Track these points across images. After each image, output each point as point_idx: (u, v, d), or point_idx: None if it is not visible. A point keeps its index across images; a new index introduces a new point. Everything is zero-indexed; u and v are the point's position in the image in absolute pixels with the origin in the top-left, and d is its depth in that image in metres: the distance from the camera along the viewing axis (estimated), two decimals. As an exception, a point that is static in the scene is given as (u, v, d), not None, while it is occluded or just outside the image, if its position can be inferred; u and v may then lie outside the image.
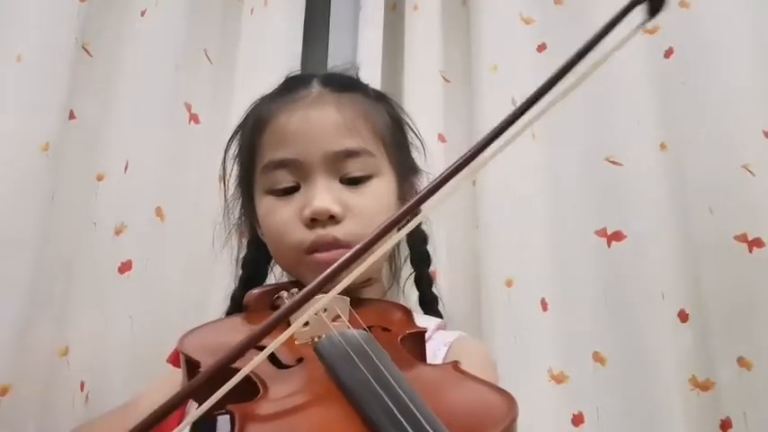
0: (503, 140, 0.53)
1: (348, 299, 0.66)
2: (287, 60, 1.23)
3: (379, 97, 0.89)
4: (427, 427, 0.44)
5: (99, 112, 1.20)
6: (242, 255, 0.94)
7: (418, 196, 0.53)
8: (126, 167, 1.15)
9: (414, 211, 0.53)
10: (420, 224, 0.93)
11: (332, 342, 0.59)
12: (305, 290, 0.50)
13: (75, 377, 1.05)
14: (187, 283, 1.15)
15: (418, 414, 0.46)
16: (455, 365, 0.57)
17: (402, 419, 0.45)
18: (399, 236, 0.59)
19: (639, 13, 0.53)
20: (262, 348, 0.50)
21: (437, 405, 0.47)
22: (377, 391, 0.49)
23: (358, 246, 0.51)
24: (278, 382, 0.55)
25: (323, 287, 0.50)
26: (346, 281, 0.50)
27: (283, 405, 0.52)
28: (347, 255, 0.50)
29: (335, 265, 0.50)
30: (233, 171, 0.91)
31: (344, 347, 0.57)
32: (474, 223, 1.20)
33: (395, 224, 0.52)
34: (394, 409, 0.46)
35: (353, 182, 0.79)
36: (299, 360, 0.59)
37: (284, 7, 1.29)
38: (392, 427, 0.45)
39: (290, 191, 0.79)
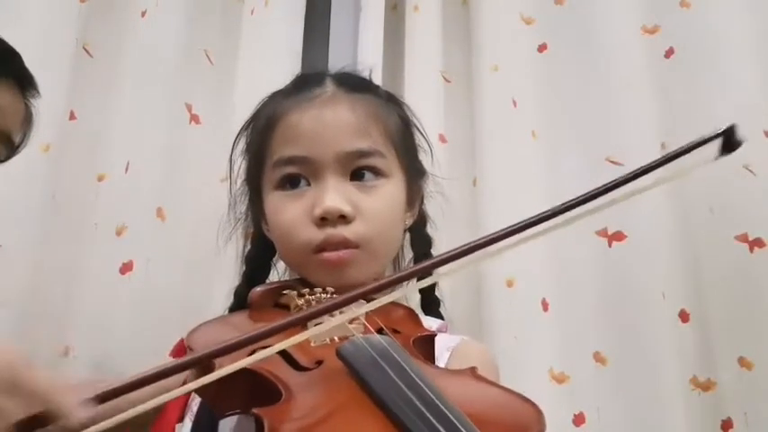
0: (541, 229, 0.56)
1: (364, 301, 0.65)
2: (287, 60, 1.23)
3: (390, 99, 0.89)
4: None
5: (99, 112, 1.20)
6: (246, 251, 0.93)
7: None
8: (126, 168, 1.15)
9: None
10: (424, 227, 0.93)
11: (356, 346, 0.58)
12: (327, 304, 0.51)
13: (76, 378, 1.05)
14: (188, 284, 1.14)
15: (455, 421, 0.45)
16: (473, 372, 0.57)
17: (438, 426, 0.45)
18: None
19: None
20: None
21: (470, 412, 0.47)
22: (409, 398, 0.48)
23: (390, 278, 0.54)
24: (301, 385, 0.54)
25: (347, 304, 0.50)
26: (368, 307, 0.52)
27: (313, 410, 0.51)
28: (376, 284, 0.52)
29: (365, 288, 0.51)
30: (240, 166, 0.90)
31: (370, 352, 0.56)
32: (474, 223, 1.20)
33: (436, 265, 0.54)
34: (429, 415, 0.46)
35: (364, 183, 0.79)
36: (318, 362, 0.58)
37: (284, 7, 1.29)
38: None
39: (300, 188, 0.79)
